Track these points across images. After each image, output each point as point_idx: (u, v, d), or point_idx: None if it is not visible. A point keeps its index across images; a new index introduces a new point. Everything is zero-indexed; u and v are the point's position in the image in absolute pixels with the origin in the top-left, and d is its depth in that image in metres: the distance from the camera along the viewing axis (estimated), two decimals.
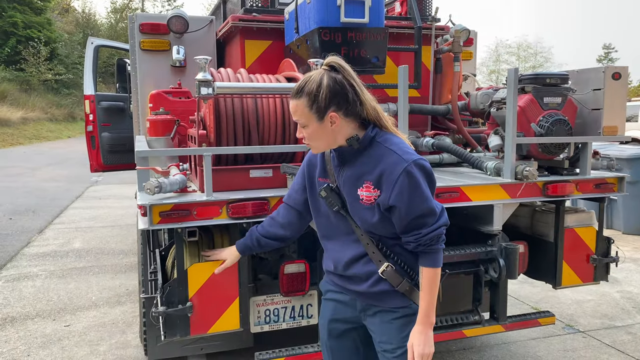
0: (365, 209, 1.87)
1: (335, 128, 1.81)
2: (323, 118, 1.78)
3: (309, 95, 1.77)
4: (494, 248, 3.23)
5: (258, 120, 2.95)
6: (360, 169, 1.87)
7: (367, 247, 1.92)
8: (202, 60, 2.66)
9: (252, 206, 2.72)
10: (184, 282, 2.69)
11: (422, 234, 1.81)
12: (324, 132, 1.82)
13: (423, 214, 1.80)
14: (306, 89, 1.78)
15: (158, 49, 4.10)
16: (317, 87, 1.76)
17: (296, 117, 1.83)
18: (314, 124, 1.81)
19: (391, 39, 4.02)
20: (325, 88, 1.76)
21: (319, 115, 1.78)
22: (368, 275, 1.95)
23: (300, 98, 1.79)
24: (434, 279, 1.87)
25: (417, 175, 1.78)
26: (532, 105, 3.39)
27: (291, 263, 2.93)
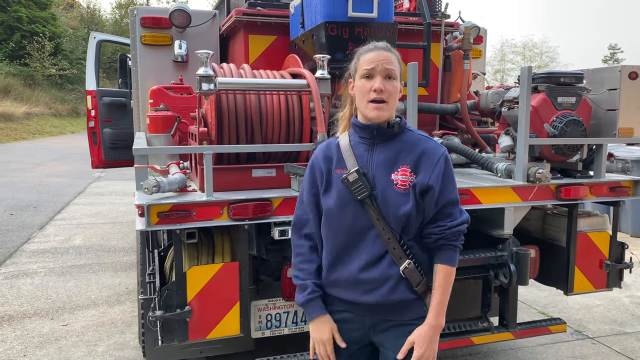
0: (399, 195, 1.78)
1: (398, 96, 1.85)
2: (400, 80, 1.86)
3: (395, 53, 1.85)
4: (504, 253, 3.12)
5: (261, 117, 2.84)
6: (394, 153, 1.83)
7: (388, 242, 1.78)
8: (204, 54, 2.56)
9: (254, 207, 2.61)
10: (182, 286, 2.59)
11: (447, 226, 1.80)
12: (397, 96, 1.85)
13: (452, 202, 1.82)
14: (388, 47, 1.85)
15: (160, 44, 4.00)
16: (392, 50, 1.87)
17: (391, 66, 1.80)
18: (398, 82, 1.85)
19: (399, 35, 3.90)
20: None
21: (400, 75, 1.86)
22: (386, 278, 1.79)
23: (392, 52, 1.84)
24: (449, 277, 1.82)
25: (450, 163, 1.85)
26: (545, 105, 3.28)
27: None
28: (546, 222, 3.62)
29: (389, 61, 1.78)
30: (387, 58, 1.78)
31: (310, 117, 2.95)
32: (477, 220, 3.34)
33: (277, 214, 2.68)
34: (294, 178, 2.79)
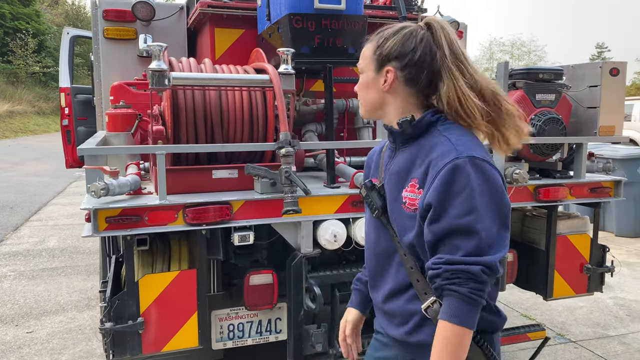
0: (406, 217, 1.45)
1: (386, 89, 1.47)
2: (379, 70, 1.48)
3: (380, 38, 1.49)
4: None
5: (222, 115, 2.67)
6: (408, 163, 1.46)
7: (411, 272, 1.45)
8: (157, 47, 2.38)
9: (213, 211, 2.44)
10: (135, 296, 2.42)
11: (443, 260, 1.31)
12: (374, 87, 1.50)
13: (457, 231, 1.30)
14: (384, 31, 1.51)
15: (123, 38, 3.81)
16: (392, 34, 1.48)
17: (359, 62, 1.56)
18: (370, 73, 1.51)
19: (375, 29, 3.74)
20: (399, 37, 1.45)
21: (377, 64, 1.48)
22: (409, 315, 1.48)
23: (373, 40, 1.52)
24: (447, 339, 1.30)
25: (470, 175, 1.30)
26: (523, 102, 3.14)
27: (257, 274, 2.66)
28: (525, 224, 3.49)
29: (362, 54, 1.55)
30: (362, 53, 1.55)
31: (275, 115, 2.79)
32: None
33: (237, 218, 2.51)
34: (256, 180, 2.62)
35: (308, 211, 2.61)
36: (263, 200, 2.54)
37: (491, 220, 1.30)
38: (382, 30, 1.51)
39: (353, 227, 2.70)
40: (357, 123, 3.67)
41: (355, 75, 3.79)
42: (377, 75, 1.48)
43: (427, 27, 1.45)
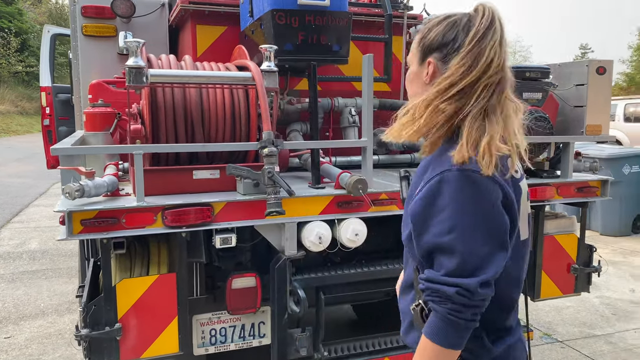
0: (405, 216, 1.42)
1: (428, 81, 1.38)
2: (422, 61, 1.41)
3: (426, 28, 1.42)
4: None
5: (203, 113, 2.60)
6: (428, 164, 1.38)
7: (414, 272, 1.41)
8: (134, 43, 2.30)
9: (193, 213, 2.37)
10: (112, 301, 2.33)
11: (425, 277, 1.27)
12: (417, 80, 1.43)
13: (439, 249, 1.25)
14: (430, 21, 1.42)
15: (103, 35, 3.71)
16: (436, 23, 1.39)
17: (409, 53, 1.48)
18: (415, 65, 1.44)
19: (360, 27, 3.71)
20: (442, 27, 1.37)
21: (421, 55, 1.41)
22: (406, 314, 1.46)
23: (419, 32, 1.45)
24: (425, 355, 1.26)
25: (453, 188, 1.23)
26: None
27: (239, 277, 2.59)
28: None
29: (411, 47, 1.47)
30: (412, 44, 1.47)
31: (258, 113, 2.72)
32: None
33: (219, 220, 2.44)
34: (239, 180, 2.55)
35: (292, 212, 2.55)
36: (245, 201, 2.47)
37: (478, 240, 1.21)
38: (430, 19, 1.45)
39: (338, 228, 2.64)
40: (342, 122, 3.61)
41: (341, 73, 3.75)
42: (421, 67, 1.41)
43: (474, 12, 1.35)
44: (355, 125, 3.53)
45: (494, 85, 1.28)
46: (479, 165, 1.21)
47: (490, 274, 1.20)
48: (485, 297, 1.22)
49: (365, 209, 2.69)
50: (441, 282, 1.22)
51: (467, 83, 1.27)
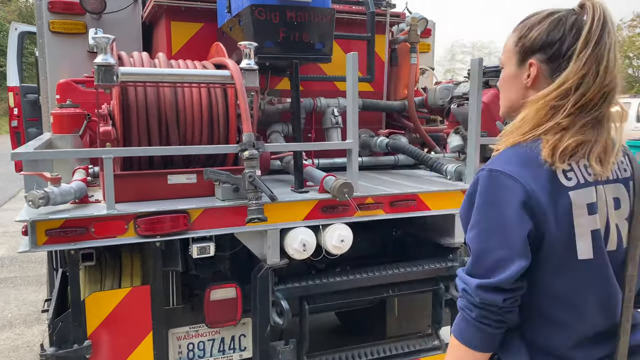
0: None
1: (529, 84, 1.28)
2: (522, 63, 1.30)
3: (524, 27, 1.30)
4: (455, 263, 2.85)
5: (178, 114, 2.45)
6: None
7: None
8: (103, 39, 2.14)
9: (168, 220, 2.22)
10: (81, 316, 2.17)
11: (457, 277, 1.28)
12: (515, 84, 1.32)
13: (466, 242, 1.27)
14: (528, 19, 1.31)
15: (71, 32, 3.52)
16: (538, 21, 1.28)
17: (501, 54, 1.38)
18: (511, 67, 1.33)
19: (342, 25, 3.59)
20: (545, 25, 1.26)
21: (519, 57, 1.30)
22: None
23: (516, 30, 1.33)
24: (451, 349, 1.28)
25: (480, 188, 1.22)
26: (497, 101, 3.01)
27: (218, 288, 2.44)
28: None
29: (504, 46, 1.37)
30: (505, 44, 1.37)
31: (238, 114, 2.58)
32: (425, 228, 3.05)
33: (196, 228, 2.29)
34: (217, 185, 2.41)
35: (274, 219, 2.41)
36: (225, 207, 2.33)
37: (492, 242, 1.18)
38: (528, 17, 1.32)
39: (323, 234, 2.52)
40: (324, 123, 3.49)
41: (323, 73, 3.63)
42: (519, 69, 1.31)
43: (580, 9, 1.25)
44: (338, 126, 3.41)
45: (612, 91, 1.20)
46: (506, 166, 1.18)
47: (494, 279, 1.16)
48: (489, 302, 1.17)
49: (351, 213, 2.58)
50: (459, 276, 1.26)
51: (588, 90, 1.17)
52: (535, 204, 1.15)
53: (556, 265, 1.18)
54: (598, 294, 1.20)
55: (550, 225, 1.15)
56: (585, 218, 1.17)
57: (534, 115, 1.21)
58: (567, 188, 1.16)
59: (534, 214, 1.15)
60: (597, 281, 1.20)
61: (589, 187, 1.18)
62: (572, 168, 1.17)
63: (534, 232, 1.16)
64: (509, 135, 1.25)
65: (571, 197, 1.16)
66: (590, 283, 1.20)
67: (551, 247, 1.17)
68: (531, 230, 1.15)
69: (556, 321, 1.21)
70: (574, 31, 1.21)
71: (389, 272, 2.72)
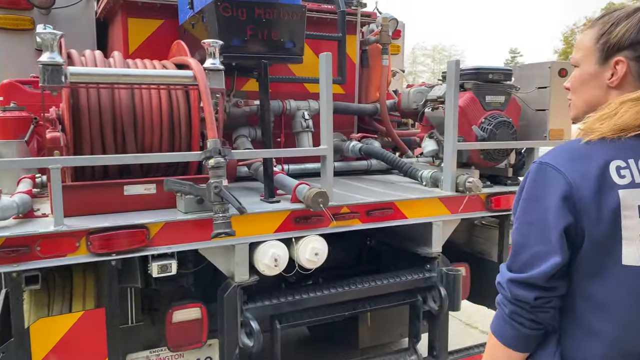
0: None
1: (614, 83, 1.19)
2: (605, 61, 1.20)
3: (606, 23, 1.21)
4: (433, 274, 2.73)
5: (135, 118, 2.23)
6: None
7: None
8: (49, 36, 1.91)
9: (124, 236, 2.00)
10: (25, 346, 1.93)
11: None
12: (595, 83, 1.22)
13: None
14: (610, 14, 1.22)
15: (17, 28, 3.24)
16: (624, 16, 1.19)
17: (574, 52, 1.29)
18: (590, 65, 1.23)
19: (311, 25, 3.42)
20: (635, 21, 1.17)
21: (601, 54, 1.21)
22: None
23: (594, 26, 1.24)
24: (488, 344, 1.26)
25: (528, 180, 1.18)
26: (473, 104, 2.92)
27: (181, 309, 2.24)
28: (474, 234, 3.29)
29: (575, 45, 1.28)
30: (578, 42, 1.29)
31: (201, 118, 2.38)
32: (401, 237, 2.92)
33: (156, 244, 2.08)
34: (179, 197, 2.20)
35: (243, 232, 2.23)
36: (187, 221, 2.12)
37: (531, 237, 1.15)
38: (608, 13, 1.23)
39: (296, 247, 2.34)
40: (294, 127, 3.31)
41: (292, 74, 3.46)
42: (601, 67, 1.21)
43: None
44: (309, 130, 3.25)
45: None
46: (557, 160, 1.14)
47: (526, 274, 1.12)
48: (520, 298, 1.13)
49: (326, 224, 2.42)
50: (501, 282, 1.20)
51: None
52: (578, 198, 1.08)
53: (596, 268, 1.11)
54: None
55: (591, 223, 1.08)
56: (636, 220, 1.08)
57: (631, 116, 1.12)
58: (618, 186, 1.08)
59: (575, 209, 1.09)
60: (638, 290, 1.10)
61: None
62: (628, 165, 1.10)
63: (574, 228, 1.09)
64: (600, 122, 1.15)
65: (620, 196, 1.07)
66: (636, 293, 1.09)
67: (592, 247, 1.10)
68: (570, 225, 1.09)
69: (593, 331, 1.12)
70: None
71: (364, 285, 2.57)
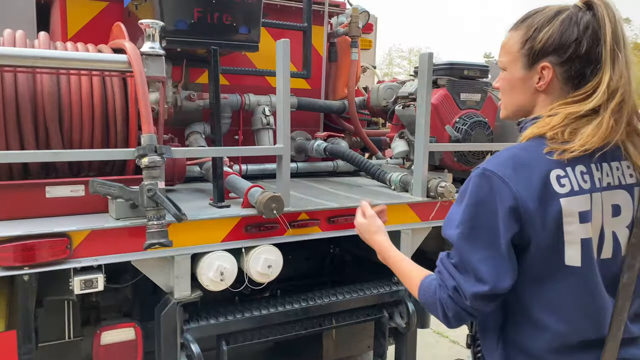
0: None
1: (542, 88, 1.24)
2: (532, 66, 1.24)
3: (530, 27, 1.25)
4: (400, 287, 2.49)
5: (61, 109, 1.93)
6: None
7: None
8: None
9: (40, 247, 1.70)
10: None
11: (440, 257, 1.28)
12: (522, 87, 1.27)
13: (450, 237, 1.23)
14: (532, 18, 1.25)
15: None
16: (546, 21, 1.22)
17: (499, 55, 1.33)
18: (517, 70, 1.27)
19: (274, 13, 3.17)
20: (557, 26, 1.20)
21: (527, 60, 1.25)
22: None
23: (518, 29, 1.27)
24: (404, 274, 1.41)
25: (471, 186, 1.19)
26: (446, 102, 2.70)
27: (111, 329, 1.94)
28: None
29: (503, 46, 1.31)
30: (503, 44, 1.31)
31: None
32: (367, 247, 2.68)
33: (79, 255, 1.79)
34: (111, 201, 1.91)
35: (184, 241, 1.95)
36: (118, 228, 1.84)
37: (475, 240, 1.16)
38: (530, 16, 1.26)
39: (246, 259, 2.07)
40: (254, 124, 3.04)
41: (252, 65, 3.19)
42: (528, 72, 1.25)
43: (587, 7, 1.21)
44: (269, 127, 2.98)
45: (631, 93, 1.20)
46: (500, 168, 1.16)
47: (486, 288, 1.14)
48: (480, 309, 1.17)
49: (281, 232, 2.15)
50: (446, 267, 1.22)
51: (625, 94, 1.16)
52: (523, 210, 1.12)
53: (544, 270, 1.17)
54: (585, 302, 1.18)
55: (536, 230, 1.13)
56: (576, 226, 1.14)
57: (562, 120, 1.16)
58: (559, 195, 1.13)
59: (520, 219, 1.13)
60: (584, 289, 1.17)
61: (583, 195, 1.15)
62: (566, 174, 1.14)
63: (518, 235, 1.14)
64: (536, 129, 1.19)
65: (562, 204, 1.13)
66: (577, 290, 1.17)
67: (538, 252, 1.15)
68: (516, 233, 1.13)
69: (539, 323, 1.19)
70: (590, 31, 1.17)
71: (325, 300, 2.32)
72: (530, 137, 1.18)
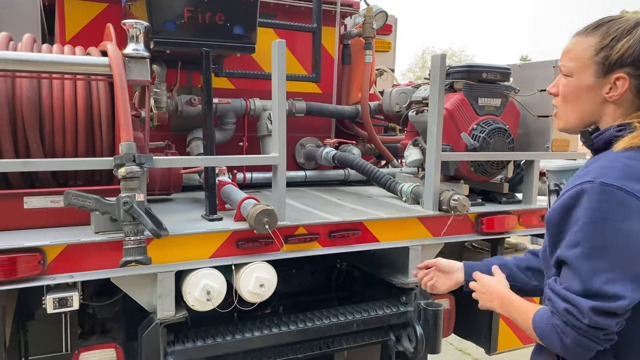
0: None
1: (613, 98, 1.21)
2: (605, 75, 1.22)
3: (606, 36, 1.21)
4: (409, 308, 2.30)
5: (42, 115, 1.82)
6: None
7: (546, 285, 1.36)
8: None
9: (11, 262, 1.59)
10: None
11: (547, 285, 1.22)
12: (590, 95, 1.24)
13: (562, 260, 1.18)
14: (609, 26, 1.22)
15: None
16: (625, 32, 1.20)
17: (563, 60, 1.28)
18: (586, 77, 1.23)
19: (283, 14, 3.03)
20: (637, 38, 1.18)
21: (601, 68, 1.22)
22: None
23: (590, 35, 1.24)
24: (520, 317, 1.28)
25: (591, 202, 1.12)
26: (463, 108, 2.50)
27: (90, 349, 1.82)
28: (464, 259, 2.85)
29: (568, 51, 1.27)
30: (569, 48, 1.27)
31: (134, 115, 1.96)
32: (373, 263, 2.50)
33: (54, 272, 1.68)
34: (93, 214, 1.79)
35: (168, 257, 1.81)
36: (97, 243, 1.71)
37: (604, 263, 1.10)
38: (603, 23, 1.23)
39: (237, 277, 1.92)
40: (260, 130, 2.90)
41: (260, 69, 3.04)
42: (599, 81, 1.23)
43: None
44: None
45: None
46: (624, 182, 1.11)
47: (613, 304, 1.08)
48: (601, 326, 1.09)
49: (276, 248, 2.00)
50: (558, 294, 1.16)
51: None
52: None
53: None
54: None
55: None
56: None
57: None
58: None
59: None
60: None
61: None
62: None
63: None
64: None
65: None
66: None
67: None
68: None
69: None
70: None
71: (325, 321, 2.14)
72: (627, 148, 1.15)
